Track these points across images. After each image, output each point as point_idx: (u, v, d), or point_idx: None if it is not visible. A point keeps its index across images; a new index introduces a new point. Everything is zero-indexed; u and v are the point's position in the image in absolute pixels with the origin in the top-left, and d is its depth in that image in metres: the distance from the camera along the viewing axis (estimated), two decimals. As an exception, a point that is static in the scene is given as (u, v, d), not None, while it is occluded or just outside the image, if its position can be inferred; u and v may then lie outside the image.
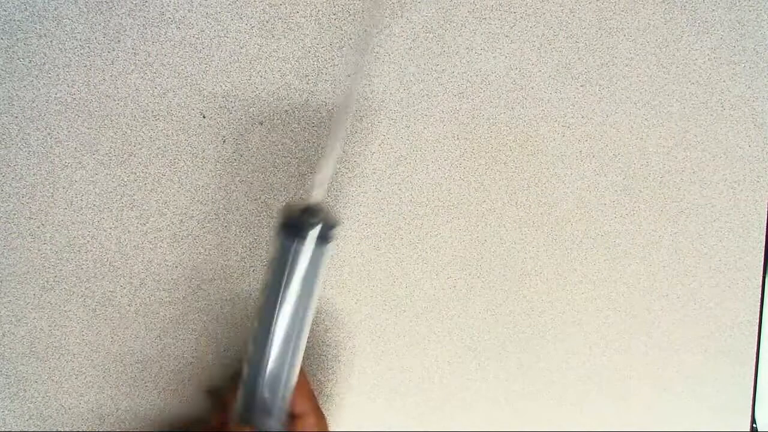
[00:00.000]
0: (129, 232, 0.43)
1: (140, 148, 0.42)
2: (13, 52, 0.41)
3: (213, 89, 0.42)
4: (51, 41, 0.42)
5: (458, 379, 0.45)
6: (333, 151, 0.33)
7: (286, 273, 0.33)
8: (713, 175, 0.45)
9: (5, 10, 0.41)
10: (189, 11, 0.42)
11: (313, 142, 0.43)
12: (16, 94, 0.42)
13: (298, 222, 0.32)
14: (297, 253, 0.32)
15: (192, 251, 0.43)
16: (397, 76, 0.43)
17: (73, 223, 0.42)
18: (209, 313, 0.43)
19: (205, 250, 0.43)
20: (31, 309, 0.43)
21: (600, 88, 0.44)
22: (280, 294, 0.33)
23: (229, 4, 0.42)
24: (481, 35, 0.44)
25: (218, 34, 0.42)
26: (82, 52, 0.42)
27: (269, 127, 0.43)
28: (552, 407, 0.46)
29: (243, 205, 0.43)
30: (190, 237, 0.43)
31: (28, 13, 0.41)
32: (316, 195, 0.33)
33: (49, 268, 0.43)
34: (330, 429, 0.39)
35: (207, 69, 0.42)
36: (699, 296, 0.46)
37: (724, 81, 0.45)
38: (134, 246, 0.43)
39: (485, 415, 0.46)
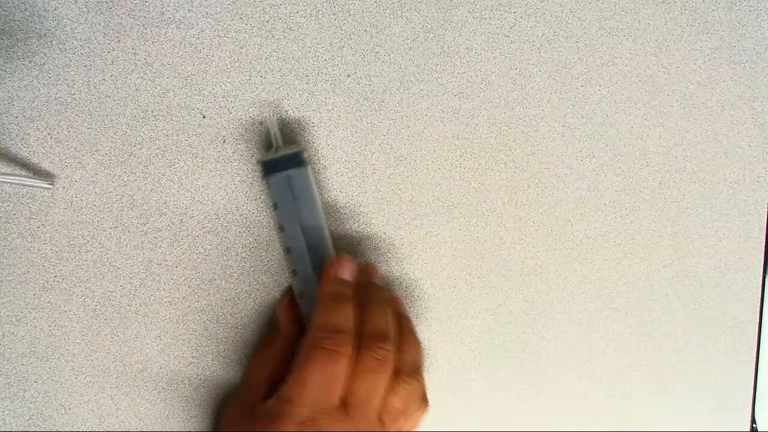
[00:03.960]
0: (129, 232, 0.43)
1: (140, 148, 0.42)
2: (13, 52, 0.41)
3: (213, 89, 0.42)
4: (51, 41, 0.41)
5: (458, 379, 0.45)
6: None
7: (286, 203, 0.41)
8: (713, 175, 0.45)
9: (5, 10, 0.41)
10: (189, 11, 0.42)
11: (313, 142, 0.43)
12: (16, 94, 0.42)
13: (272, 162, 0.40)
14: (283, 184, 0.40)
15: (192, 251, 0.43)
16: (397, 76, 0.43)
17: (73, 223, 0.42)
18: (209, 313, 0.43)
19: (205, 250, 0.43)
20: (31, 309, 0.43)
21: (600, 88, 0.44)
22: (298, 219, 0.41)
23: (229, 4, 0.42)
24: (481, 35, 0.44)
25: (218, 34, 0.42)
26: (82, 52, 0.42)
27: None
28: (552, 407, 0.46)
29: (243, 205, 0.43)
30: (190, 237, 0.43)
31: (28, 13, 0.41)
32: (276, 143, 0.41)
33: (49, 268, 0.43)
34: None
35: (207, 69, 0.42)
36: (699, 296, 0.46)
37: (724, 81, 0.45)
38: (134, 246, 0.43)
39: (485, 415, 0.46)
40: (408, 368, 0.39)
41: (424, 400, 0.40)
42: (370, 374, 0.36)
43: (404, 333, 0.40)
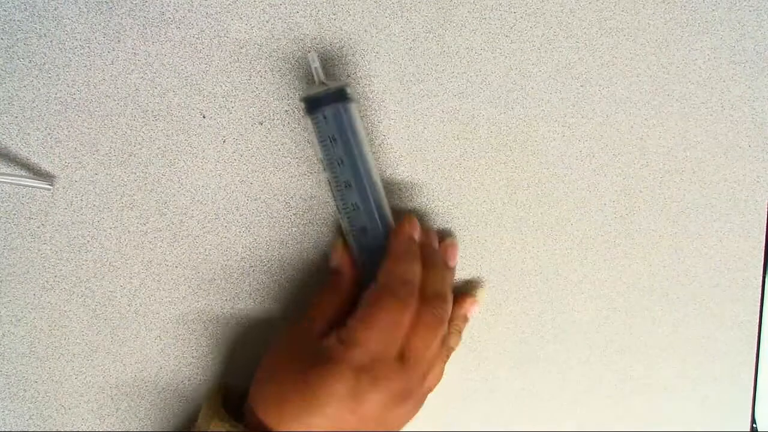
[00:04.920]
0: (129, 232, 0.43)
1: (140, 148, 0.42)
2: (13, 52, 0.41)
3: (213, 89, 0.42)
4: (51, 41, 0.42)
5: (458, 379, 0.45)
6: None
7: (344, 136, 0.39)
8: (713, 175, 0.45)
9: (5, 10, 0.41)
10: (189, 11, 0.42)
11: (313, 142, 0.43)
12: (16, 94, 0.42)
13: (316, 97, 0.39)
14: (338, 116, 0.39)
15: (192, 251, 0.43)
16: (397, 76, 0.43)
17: (73, 223, 0.42)
18: (209, 313, 0.43)
19: (205, 250, 0.43)
20: (31, 309, 0.43)
21: (600, 88, 0.44)
22: (357, 152, 0.40)
23: (229, 4, 0.42)
24: (481, 35, 0.44)
25: (218, 34, 0.42)
26: (82, 52, 0.42)
27: (269, 127, 0.43)
28: (552, 407, 0.46)
29: (243, 205, 0.43)
30: (190, 237, 0.43)
31: (28, 13, 0.41)
32: (319, 81, 0.40)
33: (49, 268, 0.43)
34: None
35: (207, 69, 0.42)
36: (699, 296, 0.46)
37: (724, 81, 0.45)
38: (134, 246, 0.43)
39: (485, 415, 0.46)
40: (459, 320, 0.42)
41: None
42: (428, 330, 0.37)
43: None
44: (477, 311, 0.44)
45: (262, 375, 0.38)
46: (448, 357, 0.41)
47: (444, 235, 0.45)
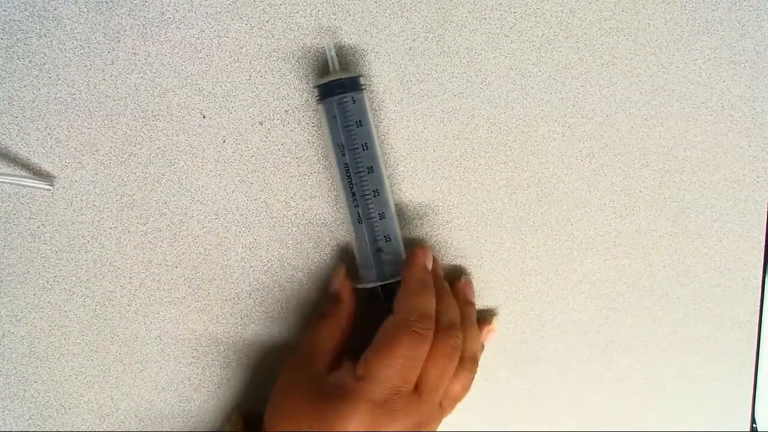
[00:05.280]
0: (129, 232, 0.43)
1: (140, 148, 0.42)
2: (13, 52, 0.41)
3: (213, 89, 0.42)
4: (51, 41, 0.42)
5: (458, 379, 0.45)
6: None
7: (358, 122, 0.40)
8: (713, 175, 0.45)
9: (5, 10, 0.41)
10: (189, 11, 0.42)
11: (313, 142, 0.43)
12: (16, 94, 0.42)
13: (328, 86, 0.40)
14: (363, 103, 0.41)
15: (192, 251, 0.43)
16: (397, 76, 0.43)
17: (73, 223, 0.42)
18: (209, 313, 0.43)
19: (205, 250, 0.43)
20: (31, 309, 0.43)
21: (600, 88, 0.44)
22: (366, 139, 0.41)
23: (229, 4, 0.42)
24: (481, 35, 0.44)
25: (218, 34, 0.42)
26: (82, 52, 0.42)
27: (269, 127, 0.43)
28: (552, 407, 0.46)
29: (243, 205, 0.43)
30: (190, 237, 0.43)
31: (28, 13, 0.41)
32: (334, 69, 0.41)
33: (49, 268, 0.43)
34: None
35: (207, 69, 0.42)
36: (699, 296, 0.46)
37: (724, 81, 0.45)
38: (134, 246, 0.43)
39: (485, 415, 0.46)
40: (470, 356, 0.40)
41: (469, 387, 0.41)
42: (445, 360, 0.37)
43: (467, 322, 0.41)
44: (493, 339, 0.44)
45: (275, 411, 0.38)
46: (467, 388, 0.40)
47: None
